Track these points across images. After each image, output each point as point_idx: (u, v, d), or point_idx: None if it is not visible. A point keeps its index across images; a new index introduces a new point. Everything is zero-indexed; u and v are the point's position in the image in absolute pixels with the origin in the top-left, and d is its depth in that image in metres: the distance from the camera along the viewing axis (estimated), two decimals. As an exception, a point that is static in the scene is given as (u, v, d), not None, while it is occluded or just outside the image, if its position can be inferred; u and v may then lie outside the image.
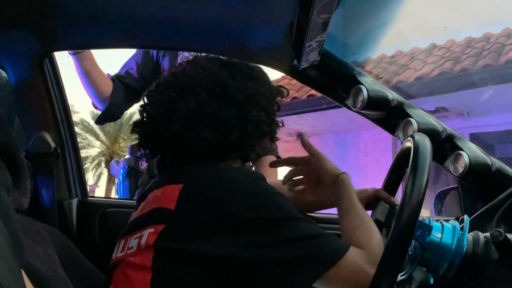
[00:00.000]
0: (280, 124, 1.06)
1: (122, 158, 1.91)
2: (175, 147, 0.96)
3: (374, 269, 0.77)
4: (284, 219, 0.84)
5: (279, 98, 1.05)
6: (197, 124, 0.93)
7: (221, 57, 1.09)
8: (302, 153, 1.10)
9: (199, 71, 0.99)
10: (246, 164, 1.07)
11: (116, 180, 1.99)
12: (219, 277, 0.82)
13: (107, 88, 1.76)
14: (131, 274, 0.86)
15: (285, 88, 1.08)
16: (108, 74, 1.80)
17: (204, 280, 0.82)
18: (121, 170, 1.93)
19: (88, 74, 1.70)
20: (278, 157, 1.63)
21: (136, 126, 1.02)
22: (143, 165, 1.87)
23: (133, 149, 1.97)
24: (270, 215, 0.83)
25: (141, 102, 1.05)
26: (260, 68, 1.07)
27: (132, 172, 1.90)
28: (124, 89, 1.79)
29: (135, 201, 1.07)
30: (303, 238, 0.83)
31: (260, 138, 1.00)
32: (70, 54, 1.62)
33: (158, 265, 0.83)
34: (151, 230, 0.86)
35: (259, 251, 0.81)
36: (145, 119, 1.01)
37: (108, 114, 1.81)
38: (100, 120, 1.85)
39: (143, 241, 0.86)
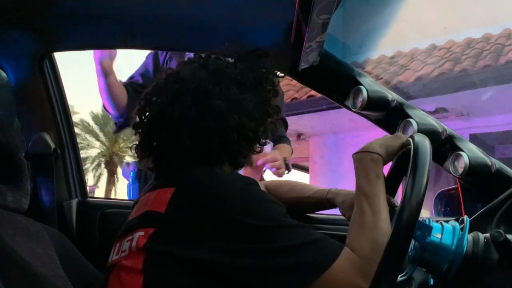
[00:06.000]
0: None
1: (132, 161, 1.96)
2: (162, 153, 0.97)
3: (366, 279, 0.76)
4: (273, 227, 0.82)
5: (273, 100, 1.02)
6: (180, 132, 0.93)
7: (219, 59, 1.04)
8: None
9: (189, 76, 0.98)
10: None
11: (126, 182, 2.02)
12: (208, 282, 0.81)
13: (123, 96, 1.84)
14: (124, 277, 0.86)
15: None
16: (120, 81, 1.85)
17: (194, 285, 0.81)
18: (131, 173, 1.95)
19: (111, 87, 1.79)
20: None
21: (135, 128, 1.02)
22: None
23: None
24: (260, 223, 0.81)
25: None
26: (263, 72, 1.02)
27: (141, 175, 1.93)
28: (136, 97, 1.83)
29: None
30: (292, 247, 0.80)
31: (248, 144, 0.98)
32: (98, 73, 1.73)
33: (149, 268, 0.83)
34: (141, 233, 0.86)
35: (248, 259, 0.80)
36: (140, 121, 1.01)
37: (126, 124, 1.90)
38: (119, 131, 1.96)
39: (134, 243, 0.86)
